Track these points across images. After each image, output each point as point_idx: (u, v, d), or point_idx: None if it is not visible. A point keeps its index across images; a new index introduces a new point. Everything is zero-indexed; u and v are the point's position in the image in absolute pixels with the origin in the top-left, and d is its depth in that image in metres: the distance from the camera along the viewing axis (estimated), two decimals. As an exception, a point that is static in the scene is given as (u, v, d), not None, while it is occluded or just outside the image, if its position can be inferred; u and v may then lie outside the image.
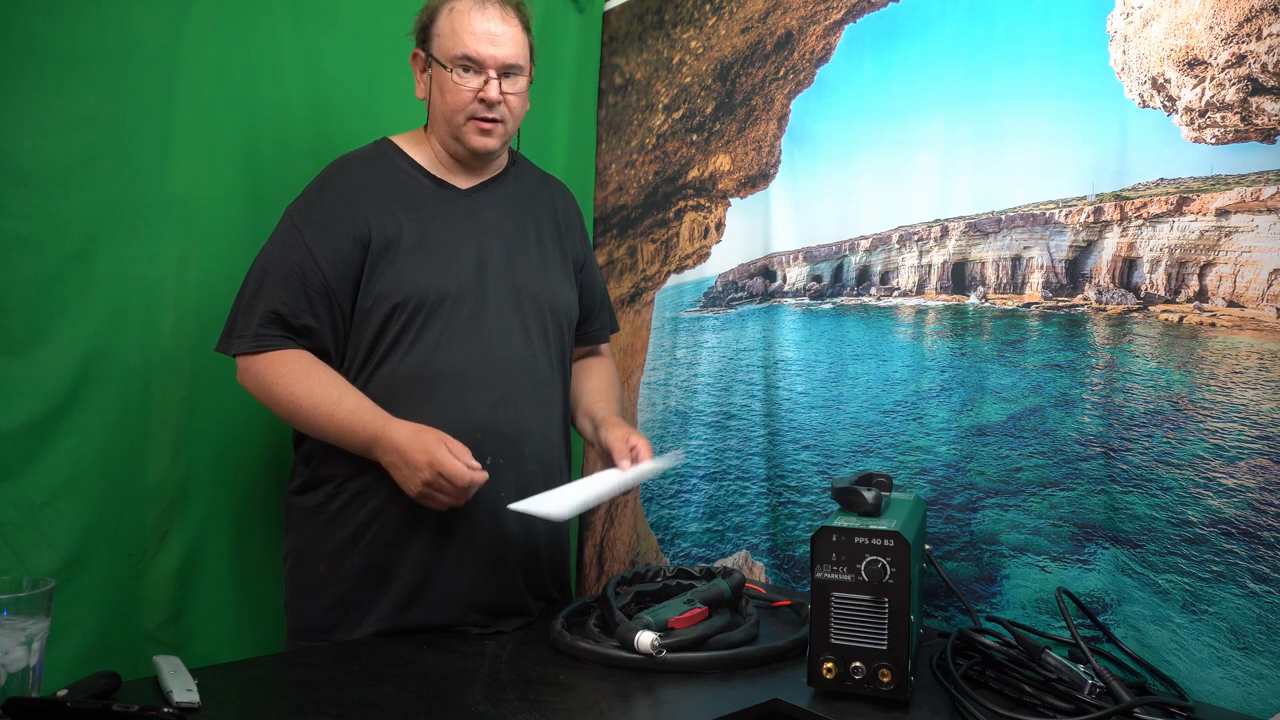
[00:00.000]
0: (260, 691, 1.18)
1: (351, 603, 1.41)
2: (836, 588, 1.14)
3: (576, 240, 1.69)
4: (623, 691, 1.18)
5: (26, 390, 1.41)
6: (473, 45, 1.43)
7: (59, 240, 1.44)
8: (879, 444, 1.66)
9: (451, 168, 1.53)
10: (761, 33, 1.92)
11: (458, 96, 1.45)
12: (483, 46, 1.43)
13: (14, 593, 1.00)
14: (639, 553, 2.10)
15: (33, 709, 0.96)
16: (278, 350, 1.40)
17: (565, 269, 1.62)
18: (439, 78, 1.46)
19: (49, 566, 1.41)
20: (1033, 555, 1.43)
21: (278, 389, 1.38)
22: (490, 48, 1.44)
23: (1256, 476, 1.21)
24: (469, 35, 1.43)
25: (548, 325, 1.54)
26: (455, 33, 1.44)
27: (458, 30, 1.44)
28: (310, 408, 1.37)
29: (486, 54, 1.44)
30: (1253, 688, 1.19)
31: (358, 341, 1.43)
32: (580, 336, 1.69)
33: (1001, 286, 1.53)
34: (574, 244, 1.67)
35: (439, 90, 1.47)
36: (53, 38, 1.43)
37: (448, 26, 1.45)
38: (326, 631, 1.41)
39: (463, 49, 1.43)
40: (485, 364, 1.44)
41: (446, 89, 1.45)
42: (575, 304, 1.63)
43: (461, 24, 1.44)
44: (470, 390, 1.42)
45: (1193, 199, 1.30)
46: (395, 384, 1.41)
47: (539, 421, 1.50)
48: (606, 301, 1.79)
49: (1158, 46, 1.33)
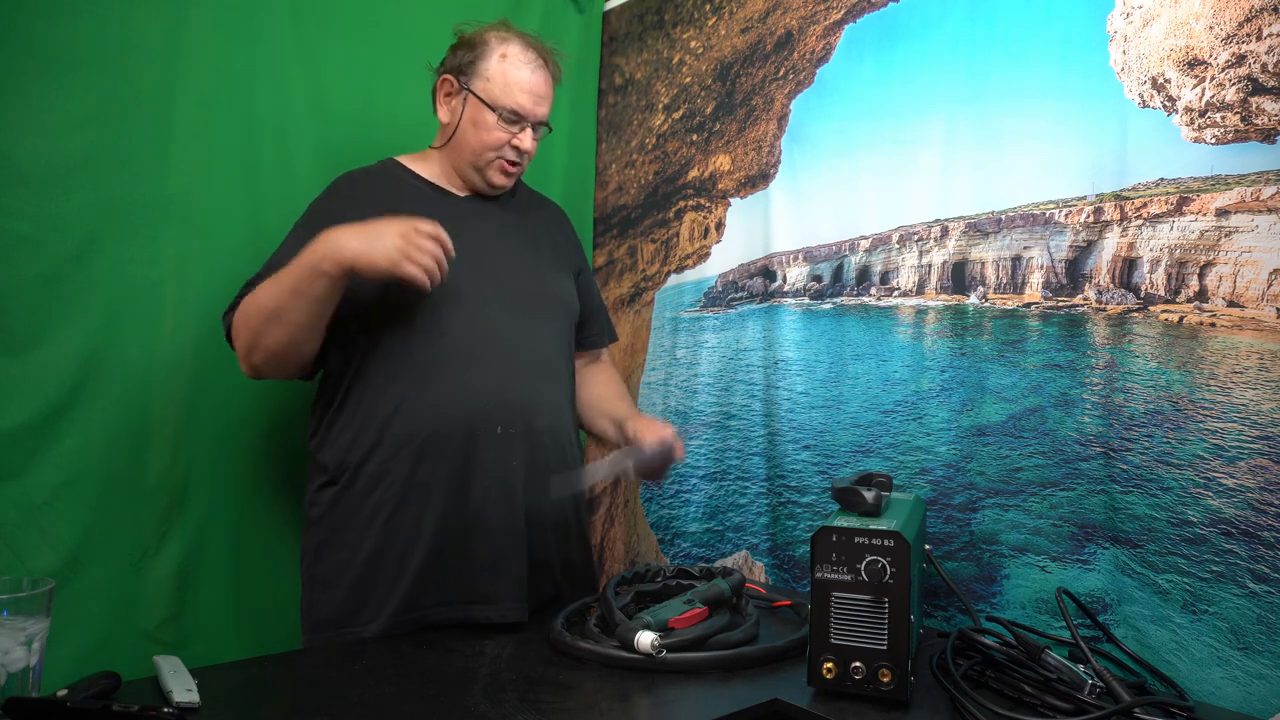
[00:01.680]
0: (260, 691, 1.18)
1: (371, 584, 1.42)
2: (836, 588, 1.14)
3: (572, 250, 1.74)
4: (623, 691, 1.18)
5: (26, 390, 1.41)
6: (524, 102, 1.52)
7: (59, 240, 1.44)
8: (879, 444, 1.66)
9: (455, 185, 1.59)
10: (761, 33, 1.92)
11: (494, 138, 1.52)
12: (530, 103, 1.52)
13: (14, 593, 1.00)
14: (639, 553, 2.10)
15: (33, 709, 0.96)
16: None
17: (561, 270, 1.66)
18: (477, 115, 1.52)
19: (49, 566, 1.41)
20: (1033, 555, 1.43)
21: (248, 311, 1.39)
22: (536, 106, 1.54)
23: (1256, 476, 1.21)
24: (522, 93, 1.51)
25: (550, 313, 1.59)
26: (508, 85, 1.51)
27: (511, 84, 1.51)
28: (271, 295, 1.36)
29: (531, 111, 1.53)
30: (1253, 688, 1.19)
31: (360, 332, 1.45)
32: (580, 341, 1.71)
33: (1001, 286, 1.53)
34: (570, 253, 1.73)
35: (473, 126, 1.52)
36: (53, 38, 1.43)
37: (500, 74, 1.51)
38: (348, 619, 1.42)
39: (514, 104, 1.51)
40: (490, 343, 1.48)
41: (483, 129, 1.52)
42: (575, 297, 1.67)
43: (516, 79, 1.51)
44: (478, 366, 1.45)
45: (1193, 199, 1.30)
46: (401, 363, 1.43)
47: (549, 395, 1.54)
48: (604, 311, 1.84)
49: (1158, 46, 1.33)
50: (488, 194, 1.59)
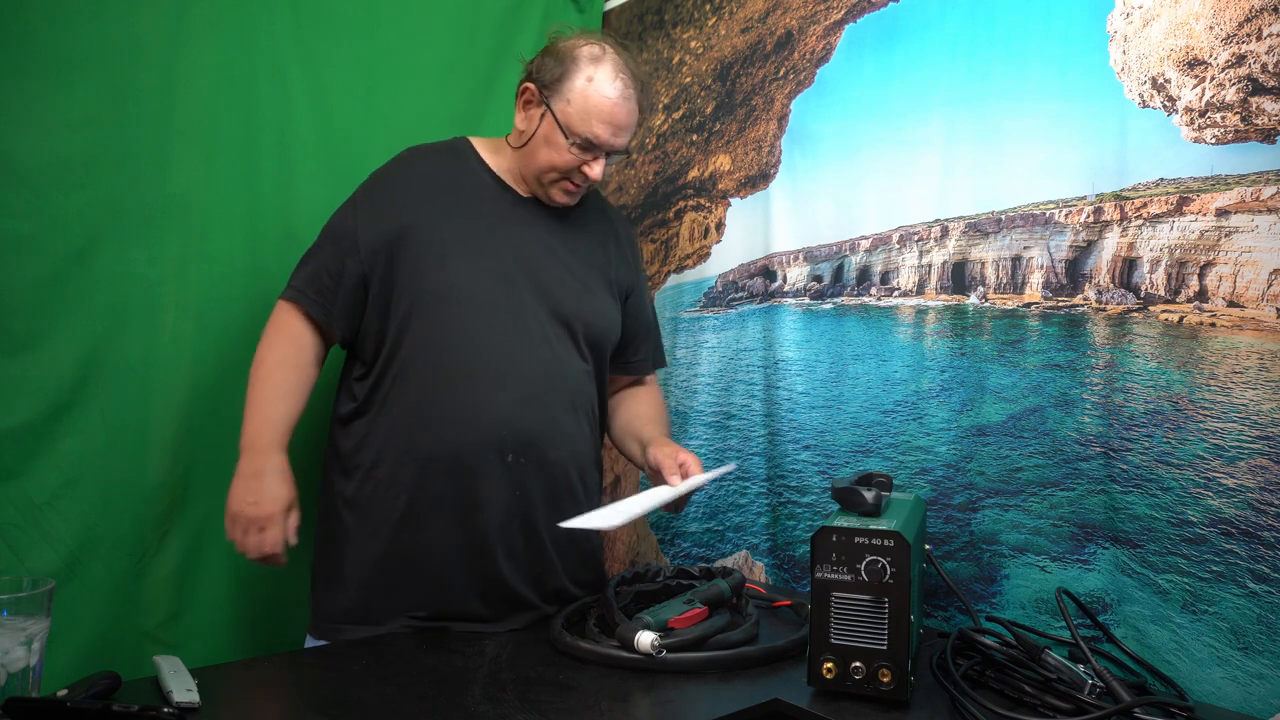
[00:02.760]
0: (260, 691, 1.18)
1: (374, 588, 1.42)
2: (836, 588, 1.14)
3: (628, 269, 1.66)
4: (623, 691, 1.18)
5: (26, 390, 1.41)
6: (601, 133, 1.43)
7: (59, 240, 1.44)
8: (879, 444, 1.66)
9: (520, 184, 1.54)
10: (761, 33, 1.92)
11: (562, 160, 1.45)
12: (607, 135, 1.44)
13: (14, 593, 1.00)
14: (639, 553, 2.10)
15: (33, 709, 0.96)
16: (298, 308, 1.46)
17: (607, 289, 1.60)
18: (551, 134, 1.45)
19: (49, 566, 1.41)
20: (1033, 555, 1.43)
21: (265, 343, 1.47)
22: (612, 137, 1.44)
23: (1256, 476, 1.21)
24: (600, 123, 1.43)
25: (581, 339, 1.53)
26: (587, 111, 1.42)
27: (590, 111, 1.42)
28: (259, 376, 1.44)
29: (607, 142, 1.44)
30: (1253, 688, 1.19)
31: (389, 326, 1.45)
32: (622, 365, 1.66)
33: (1001, 286, 1.53)
34: (624, 273, 1.65)
35: (545, 143, 1.46)
36: (53, 38, 1.43)
37: (581, 99, 1.42)
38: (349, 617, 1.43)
39: (589, 132, 1.43)
40: (515, 362, 1.44)
41: (555, 150, 1.45)
42: (615, 322, 1.60)
43: (596, 107, 1.42)
44: (499, 386, 1.43)
45: (1193, 199, 1.30)
46: (423, 373, 1.42)
47: (569, 424, 1.49)
48: (654, 334, 1.75)
49: (1158, 46, 1.33)
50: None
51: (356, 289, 1.46)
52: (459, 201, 1.49)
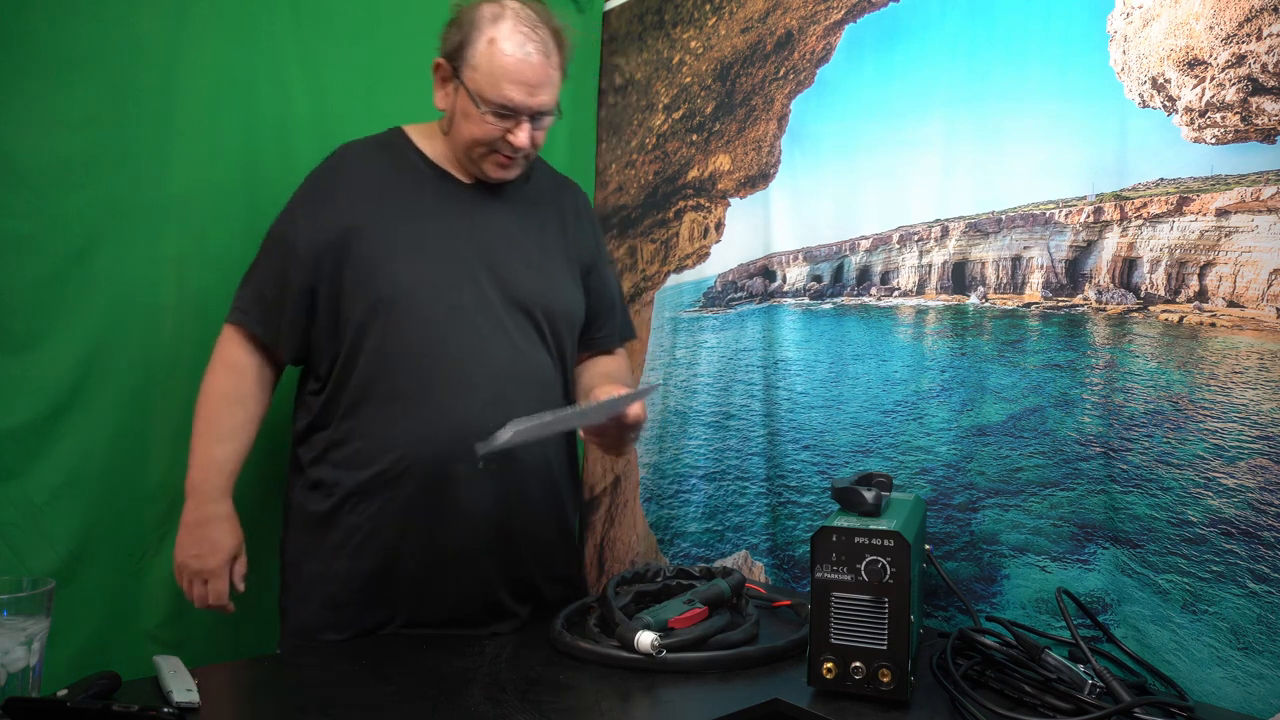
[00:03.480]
0: (260, 691, 1.18)
1: (342, 604, 1.40)
2: (836, 588, 1.14)
3: (586, 242, 1.62)
4: (623, 691, 1.18)
5: (26, 390, 1.41)
6: (510, 94, 1.35)
7: (59, 240, 1.44)
8: (879, 444, 1.66)
9: (458, 166, 1.49)
10: (761, 33, 1.92)
11: (484, 132, 1.38)
12: (519, 95, 1.35)
13: (14, 593, 1.00)
14: (639, 553, 2.10)
15: (33, 709, 0.96)
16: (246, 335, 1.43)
17: (569, 271, 1.56)
18: (465, 106, 1.38)
19: (49, 566, 1.41)
20: (1033, 555, 1.43)
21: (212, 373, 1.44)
22: (526, 97, 1.36)
23: (1256, 476, 1.21)
24: (508, 83, 1.34)
25: (544, 328, 1.49)
26: (493, 75, 1.34)
27: (496, 74, 1.34)
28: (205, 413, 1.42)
29: (522, 103, 1.36)
30: (1253, 688, 1.19)
31: (343, 335, 1.39)
32: (587, 343, 1.63)
33: (1001, 286, 1.53)
34: (583, 246, 1.60)
35: (464, 118, 1.39)
36: (53, 38, 1.43)
37: (485, 62, 1.35)
38: (317, 633, 1.41)
39: (500, 97, 1.35)
40: (479, 363, 1.40)
41: (472, 122, 1.38)
42: (579, 305, 1.57)
43: (500, 68, 1.34)
44: (463, 390, 1.38)
45: (1193, 199, 1.30)
46: (387, 383, 1.38)
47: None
48: (620, 307, 1.70)
49: (1158, 46, 1.33)
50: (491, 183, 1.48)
51: (303, 301, 1.40)
52: (402, 197, 1.43)
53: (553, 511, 1.53)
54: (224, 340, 1.44)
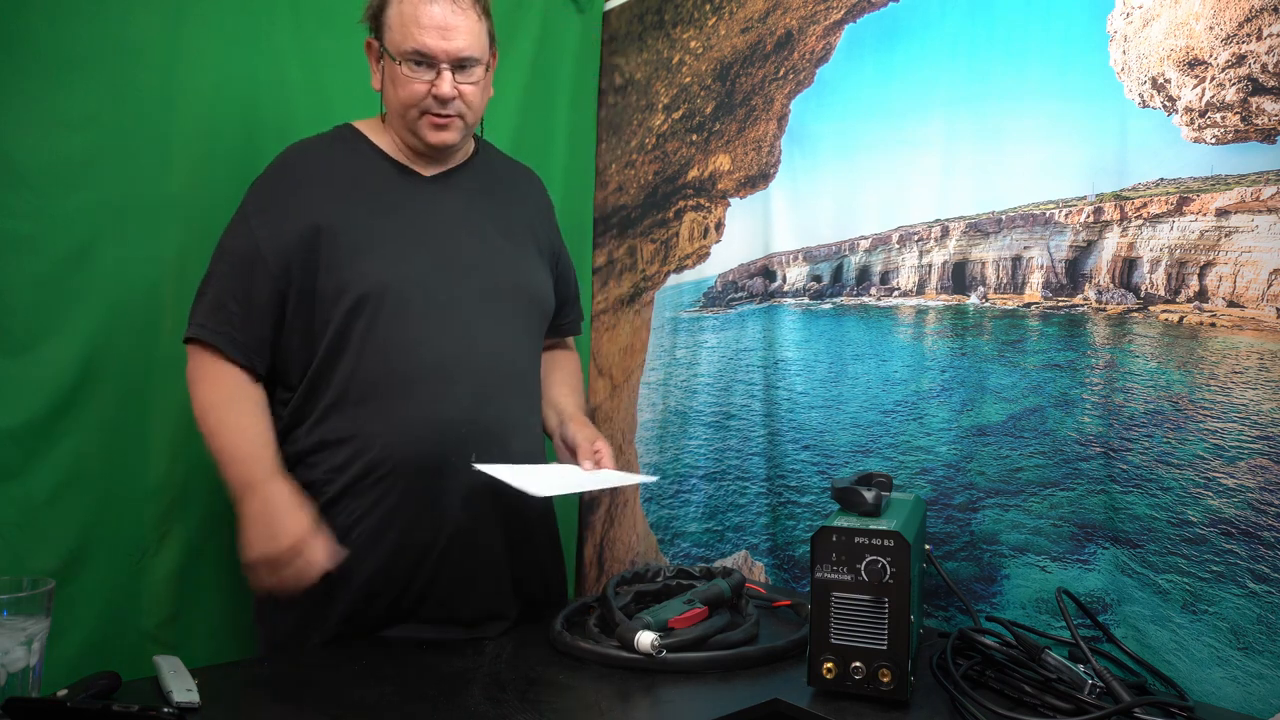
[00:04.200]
0: (260, 691, 1.18)
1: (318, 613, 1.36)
2: (836, 588, 1.14)
3: (549, 230, 1.63)
4: (623, 691, 1.18)
5: (26, 390, 1.41)
6: (422, 39, 1.35)
7: (59, 240, 1.44)
8: (879, 444, 1.66)
9: (413, 156, 1.47)
10: (761, 33, 1.92)
11: (409, 90, 1.38)
12: (433, 40, 1.35)
13: (14, 593, 1.00)
14: (639, 553, 2.10)
15: (33, 709, 0.96)
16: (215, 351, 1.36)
17: (539, 257, 1.56)
18: (390, 70, 1.39)
19: (49, 566, 1.41)
20: (1033, 555, 1.43)
21: (197, 391, 1.36)
22: (441, 41, 1.35)
23: (1256, 476, 1.21)
24: (418, 29, 1.34)
25: (523, 314, 1.48)
26: (404, 25, 1.35)
27: (406, 23, 1.35)
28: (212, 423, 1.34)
29: (437, 47, 1.35)
30: (1253, 688, 1.19)
31: (319, 337, 1.37)
32: (553, 328, 1.63)
33: (1001, 286, 1.53)
34: (547, 234, 1.61)
35: (390, 83, 1.40)
36: (53, 38, 1.43)
37: (397, 18, 1.36)
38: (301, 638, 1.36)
39: (412, 43, 1.35)
40: (464, 357, 1.38)
41: (398, 83, 1.38)
42: (551, 292, 1.56)
43: (410, 16, 1.35)
44: (451, 385, 1.37)
45: (1193, 199, 1.30)
46: (371, 382, 1.35)
47: (522, 414, 1.46)
48: (577, 298, 1.74)
49: (1158, 46, 1.33)
50: (438, 155, 1.46)
51: (272, 308, 1.37)
52: (365, 193, 1.41)
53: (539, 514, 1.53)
54: (195, 362, 1.38)
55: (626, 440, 2.15)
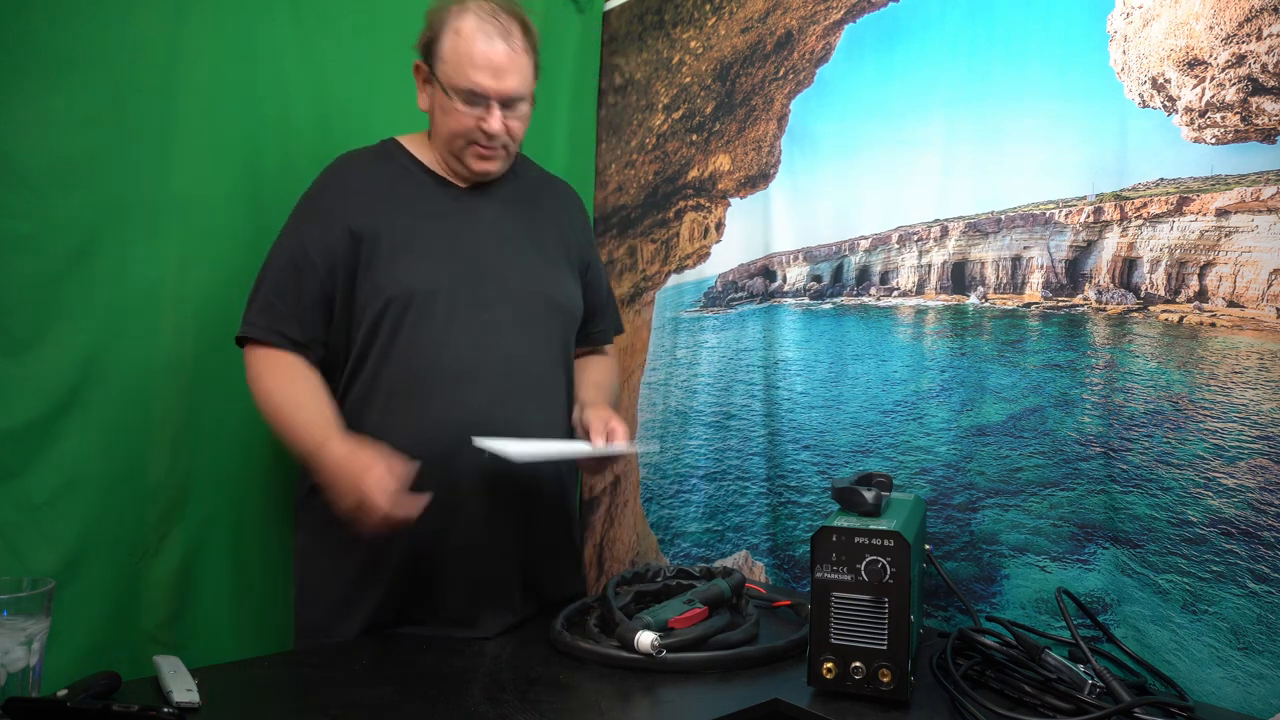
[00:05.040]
0: (260, 691, 1.18)
1: (352, 600, 1.41)
2: (836, 588, 1.14)
3: (580, 241, 1.67)
4: (623, 691, 1.18)
5: (26, 390, 1.41)
6: (476, 78, 1.40)
7: (59, 240, 1.44)
8: (879, 444, 1.66)
9: (452, 172, 1.53)
10: (761, 33, 1.92)
11: (459, 123, 1.43)
12: (486, 80, 1.40)
13: (14, 593, 1.00)
14: (639, 553, 2.10)
15: (33, 709, 0.96)
16: (269, 346, 1.41)
17: (568, 267, 1.60)
18: (440, 100, 1.44)
19: (49, 566, 1.41)
20: (1033, 555, 1.43)
21: (257, 384, 1.41)
22: (494, 81, 1.40)
23: (1256, 476, 1.21)
24: (473, 68, 1.39)
25: (547, 322, 1.52)
26: (459, 62, 1.40)
27: (462, 61, 1.40)
28: (273, 407, 1.39)
29: (490, 87, 1.41)
30: (1253, 688, 1.19)
31: (355, 337, 1.43)
32: (584, 337, 1.67)
33: (1001, 286, 1.53)
34: (578, 244, 1.65)
35: (440, 112, 1.45)
36: (53, 38, 1.43)
37: (451, 52, 1.41)
38: (328, 629, 1.42)
39: (466, 82, 1.40)
40: (483, 360, 1.43)
41: (448, 114, 1.43)
42: (579, 301, 1.61)
43: (466, 54, 1.39)
44: (469, 387, 1.41)
45: (1193, 199, 1.30)
46: (394, 382, 1.41)
47: (540, 419, 1.48)
48: (612, 304, 1.78)
49: (1158, 46, 1.33)
50: (483, 182, 1.53)
51: (320, 308, 1.42)
52: (404, 203, 1.47)
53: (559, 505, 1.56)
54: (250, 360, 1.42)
55: (626, 440, 2.15)
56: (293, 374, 1.41)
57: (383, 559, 1.40)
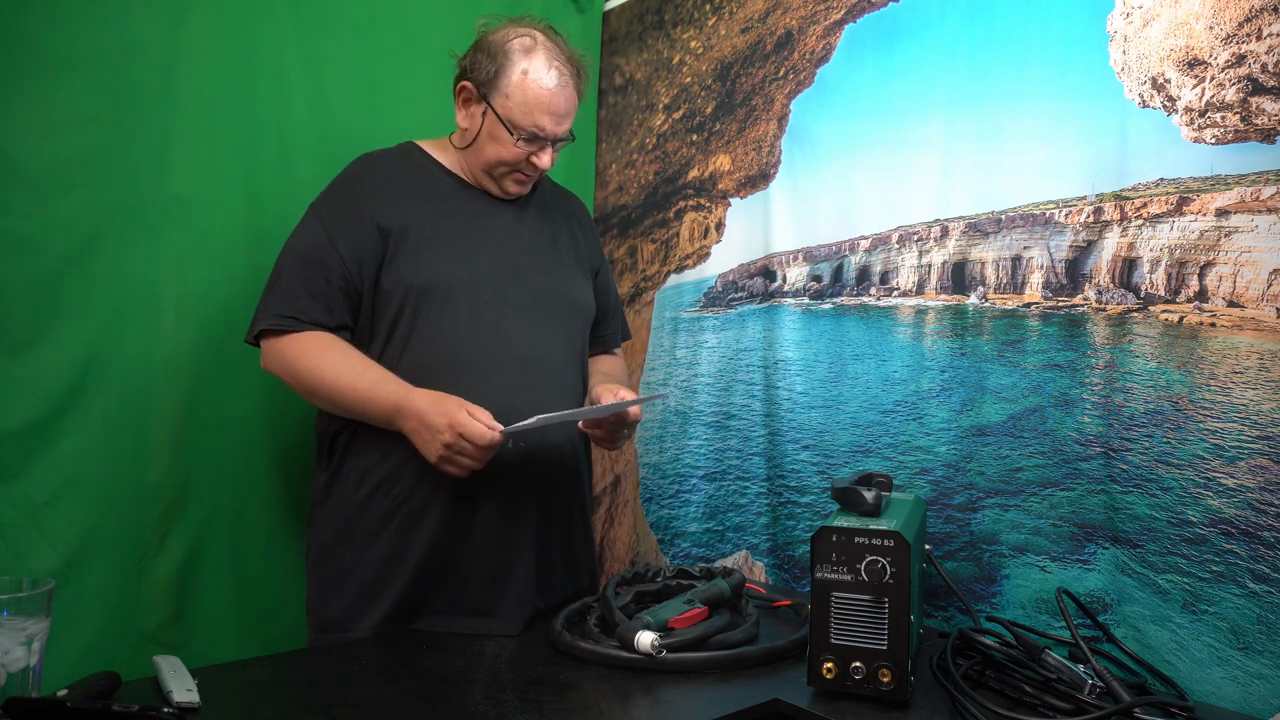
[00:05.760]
0: (260, 691, 1.18)
1: (374, 591, 1.42)
2: (836, 588, 1.14)
3: (592, 248, 1.72)
4: (623, 691, 1.18)
5: (26, 390, 1.41)
6: (541, 122, 1.45)
7: (59, 240, 1.44)
8: (879, 444, 1.66)
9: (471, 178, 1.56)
10: (761, 33, 1.92)
11: (510, 154, 1.48)
12: (549, 124, 1.46)
13: (14, 593, 1.00)
14: (639, 553, 2.10)
15: (33, 709, 0.96)
16: (299, 331, 1.41)
17: (580, 271, 1.64)
18: (495, 130, 1.47)
19: (49, 566, 1.41)
20: (1033, 555, 1.43)
21: (301, 364, 1.40)
22: (555, 126, 1.47)
23: (1256, 476, 1.21)
24: (540, 114, 1.45)
25: (564, 318, 1.56)
26: (526, 103, 1.44)
27: (531, 104, 1.44)
28: (332, 379, 1.38)
29: (551, 131, 1.47)
30: (1253, 688, 1.19)
31: (378, 328, 1.45)
32: (594, 340, 1.71)
33: (1001, 286, 1.53)
34: (591, 252, 1.70)
35: (491, 139, 1.48)
36: (53, 38, 1.43)
37: (519, 92, 1.44)
38: (351, 622, 1.42)
39: (531, 124, 1.45)
40: (504, 352, 1.46)
41: (501, 145, 1.47)
42: (592, 301, 1.65)
43: (535, 98, 1.44)
44: (491, 377, 1.44)
45: (1193, 199, 1.30)
46: (415, 372, 1.42)
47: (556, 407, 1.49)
48: (620, 311, 1.82)
49: (1158, 46, 1.33)
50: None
51: (346, 298, 1.43)
52: (428, 202, 1.50)
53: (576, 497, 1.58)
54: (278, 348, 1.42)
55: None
56: (336, 346, 1.41)
57: (406, 551, 1.42)
